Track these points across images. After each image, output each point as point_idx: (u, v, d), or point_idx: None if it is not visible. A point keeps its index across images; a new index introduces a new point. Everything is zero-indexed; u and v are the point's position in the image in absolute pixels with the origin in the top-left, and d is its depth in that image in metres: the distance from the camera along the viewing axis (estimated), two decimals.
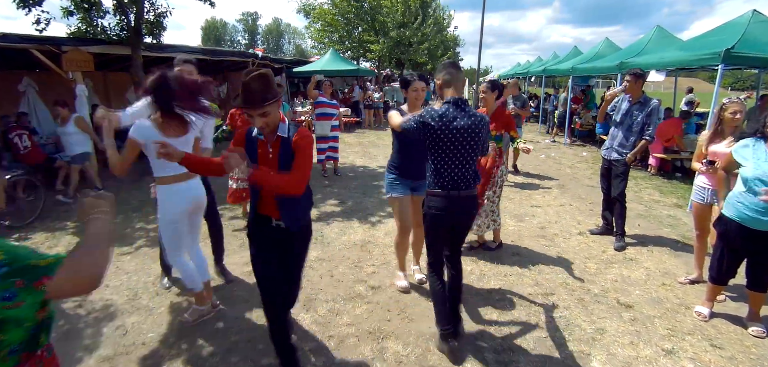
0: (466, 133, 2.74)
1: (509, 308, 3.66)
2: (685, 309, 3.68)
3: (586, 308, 3.67)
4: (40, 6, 7.46)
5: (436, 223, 2.94)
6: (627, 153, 4.76)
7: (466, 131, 2.74)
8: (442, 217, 2.90)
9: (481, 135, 2.79)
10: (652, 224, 5.81)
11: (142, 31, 8.39)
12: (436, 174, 2.84)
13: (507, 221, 5.79)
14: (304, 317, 3.50)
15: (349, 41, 25.37)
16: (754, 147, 3.08)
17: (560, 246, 4.99)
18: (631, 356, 3.07)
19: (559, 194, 7.28)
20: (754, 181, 3.00)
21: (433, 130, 2.76)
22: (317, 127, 7.88)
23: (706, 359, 3.05)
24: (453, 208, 2.87)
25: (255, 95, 2.24)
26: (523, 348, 3.13)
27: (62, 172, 7.32)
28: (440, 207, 2.87)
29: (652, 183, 8.08)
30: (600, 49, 12.58)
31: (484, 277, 4.19)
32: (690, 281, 4.11)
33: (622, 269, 4.41)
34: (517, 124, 8.30)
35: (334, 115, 7.85)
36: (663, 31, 10.04)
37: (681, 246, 5.03)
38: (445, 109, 2.77)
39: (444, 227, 2.98)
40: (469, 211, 2.96)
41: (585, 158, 10.43)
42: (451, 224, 2.97)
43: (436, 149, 2.80)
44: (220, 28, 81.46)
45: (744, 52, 6.29)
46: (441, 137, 2.75)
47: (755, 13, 7.00)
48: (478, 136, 2.78)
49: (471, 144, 2.77)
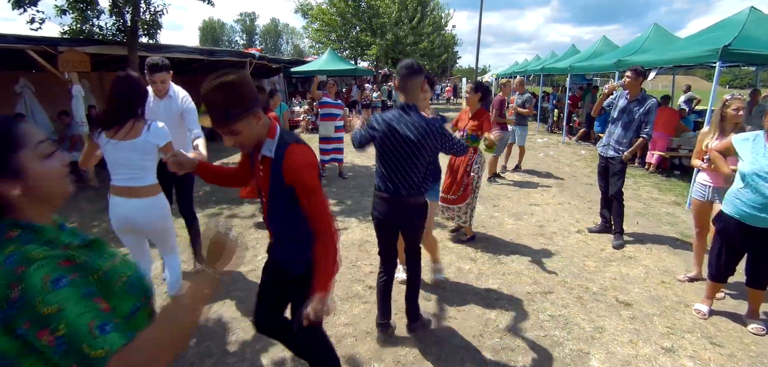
0: (410, 140, 2.66)
1: (508, 306, 3.64)
2: (685, 307, 3.67)
3: (585, 307, 3.65)
4: (35, 6, 7.43)
5: (380, 225, 2.98)
6: (624, 150, 4.75)
7: (410, 139, 2.66)
8: (384, 220, 2.91)
9: (426, 143, 2.67)
10: (651, 221, 5.80)
11: (139, 31, 8.35)
12: (380, 177, 2.85)
13: (505, 219, 5.78)
14: None
15: (347, 41, 25.36)
16: (753, 141, 3.07)
17: (559, 244, 4.97)
18: (631, 354, 3.05)
19: (557, 192, 7.27)
20: (751, 176, 2.98)
21: (378, 135, 2.77)
22: (321, 127, 7.81)
23: (706, 357, 3.03)
24: (395, 212, 2.84)
25: (217, 110, 1.75)
26: (522, 347, 3.11)
27: None
28: (382, 210, 2.87)
29: (650, 181, 8.08)
30: (598, 48, 12.59)
31: (483, 276, 4.17)
32: (689, 279, 4.10)
33: (621, 267, 4.39)
34: (523, 123, 8.41)
35: (339, 115, 7.69)
36: (660, 30, 10.04)
37: (680, 244, 5.02)
38: (392, 114, 2.77)
39: (387, 230, 2.99)
40: (412, 216, 2.88)
41: (583, 156, 10.42)
42: (395, 227, 2.97)
43: (380, 153, 2.81)
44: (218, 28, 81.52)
45: (742, 49, 6.27)
46: (385, 142, 2.75)
47: (753, 10, 6.99)
48: (423, 145, 2.66)
49: (415, 152, 2.68)
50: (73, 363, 0.95)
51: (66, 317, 0.94)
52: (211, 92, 1.72)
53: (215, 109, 1.74)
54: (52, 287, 0.95)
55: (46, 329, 0.93)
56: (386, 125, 2.75)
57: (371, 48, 24.01)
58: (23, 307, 0.93)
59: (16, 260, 0.95)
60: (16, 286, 0.93)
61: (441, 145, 2.76)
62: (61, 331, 0.94)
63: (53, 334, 0.93)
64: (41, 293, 0.94)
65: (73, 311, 0.96)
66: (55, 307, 0.94)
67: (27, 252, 0.97)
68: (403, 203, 2.80)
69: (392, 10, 24.32)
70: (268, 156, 1.91)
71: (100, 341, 0.96)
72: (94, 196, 6.87)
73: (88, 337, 0.95)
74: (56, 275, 0.97)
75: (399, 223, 2.94)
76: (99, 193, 6.99)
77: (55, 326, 0.93)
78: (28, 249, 0.98)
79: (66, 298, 0.96)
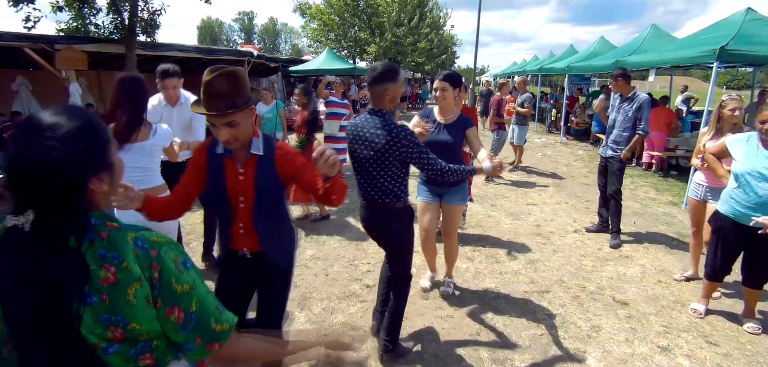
0: (375, 146, 2.53)
1: (504, 306, 3.65)
2: (681, 306, 3.68)
3: (582, 306, 3.66)
4: (32, 3, 7.41)
5: (367, 231, 2.89)
6: (621, 150, 4.78)
7: (375, 145, 2.54)
8: (367, 226, 2.84)
9: (393, 151, 2.50)
10: (648, 221, 5.81)
11: (136, 30, 8.34)
12: (357, 185, 2.76)
13: (503, 219, 5.78)
14: (298, 315, 3.47)
15: (345, 40, 25.34)
16: (747, 142, 3.08)
17: (556, 244, 4.98)
18: (627, 353, 3.06)
19: (555, 191, 7.28)
20: (744, 176, 3.00)
21: (348, 140, 2.72)
22: (326, 126, 7.81)
23: (702, 356, 3.04)
24: (374, 218, 2.75)
25: (219, 99, 1.74)
26: (519, 346, 3.11)
27: None
28: (365, 216, 2.80)
29: (648, 181, 8.10)
30: (595, 48, 12.61)
31: (480, 275, 4.18)
32: (685, 278, 4.11)
33: (618, 267, 4.40)
34: (522, 123, 8.43)
35: (345, 115, 7.69)
36: (658, 30, 10.07)
37: (676, 243, 5.04)
38: (361, 119, 2.68)
39: (375, 236, 2.90)
40: (390, 222, 2.70)
41: (581, 156, 10.44)
42: (378, 234, 2.86)
43: (351, 159, 2.73)
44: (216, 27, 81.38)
45: (739, 50, 6.30)
46: (354, 148, 2.67)
47: (749, 11, 7.02)
48: (390, 152, 2.51)
49: (381, 159, 2.54)
50: (198, 337, 1.05)
51: (197, 294, 1.05)
52: (217, 80, 1.72)
53: (220, 98, 1.74)
54: (183, 268, 1.04)
55: (177, 307, 1.01)
56: (353, 131, 2.66)
57: (370, 47, 24.00)
58: (161, 287, 0.99)
59: (146, 244, 0.99)
60: (156, 267, 0.98)
61: (408, 155, 2.53)
62: (193, 308, 1.03)
63: (184, 311, 1.02)
64: (175, 274, 1.01)
65: (202, 290, 1.07)
66: (188, 285, 1.03)
67: (148, 236, 1.02)
68: (378, 209, 2.69)
69: (391, 10, 24.30)
70: (256, 154, 1.91)
71: (224, 317, 1.10)
72: None
73: (215, 313, 1.08)
74: (183, 257, 1.06)
75: (378, 230, 2.82)
76: None
77: (188, 304, 1.03)
78: (147, 234, 1.02)
79: (194, 278, 1.06)
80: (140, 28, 8.58)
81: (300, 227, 5.46)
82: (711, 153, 3.47)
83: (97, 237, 0.94)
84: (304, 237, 5.10)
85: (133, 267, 0.94)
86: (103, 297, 0.91)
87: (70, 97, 7.25)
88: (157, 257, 0.98)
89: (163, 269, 0.99)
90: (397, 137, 2.47)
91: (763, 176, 2.91)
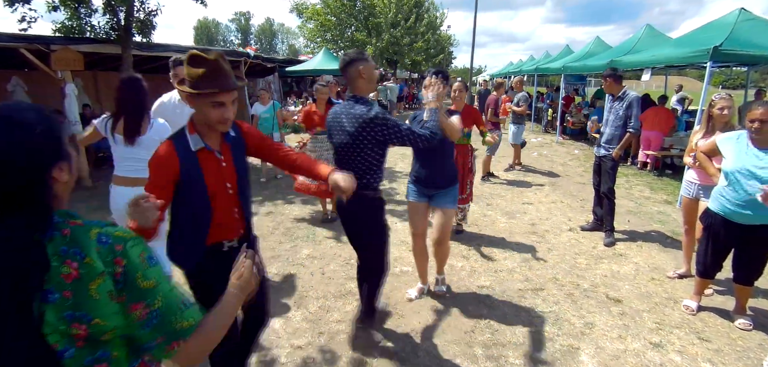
0: (348, 132, 2.60)
1: (499, 303, 3.68)
2: (674, 303, 3.72)
3: (576, 303, 3.69)
4: (28, 3, 7.40)
5: (341, 222, 2.96)
6: (613, 148, 4.83)
7: (348, 130, 2.60)
8: (339, 214, 2.89)
9: (367, 134, 2.55)
10: (643, 219, 5.85)
11: (132, 30, 8.33)
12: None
13: (498, 218, 5.82)
14: (295, 314, 3.49)
15: (342, 41, 25.37)
16: (737, 140, 3.12)
17: (551, 242, 5.02)
18: (620, 349, 3.09)
19: (550, 190, 7.32)
20: (734, 174, 3.04)
21: (328, 129, 2.78)
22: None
23: (693, 352, 3.08)
24: (340, 204, 2.77)
25: (227, 76, 1.83)
26: (513, 342, 3.15)
27: None
28: (337, 204, 2.84)
29: (643, 180, 8.15)
30: (591, 48, 12.66)
31: (475, 273, 4.21)
32: (678, 276, 4.15)
33: (612, 265, 4.44)
34: (518, 122, 8.49)
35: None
36: (653, 30, 10.13)
37: (670, 241, 5.08)
38: (341, 106, 2.74)
39: (346, 225, 2.93)
40: (356, 210, 2.71)
41: (577, 156, 10.49)
42: (349, 223, 2.90)
43: (332, 144, 2.80)
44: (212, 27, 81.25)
45: (732, 50, 6.35)
46: (332, 133, 2.74)
47: (742, 11, 7.08)
48: (363, 137, 2.56)
49: (354, 144, 2.59)
50: (161, 336, 1.03)
51: (161, 291, 1.04)
52: (222, 58, 1.82)
53: (227, 75, 1.83)
54: (149, 264, 1.03)
55: (141, 303, 1.00)
56: (332, 118, 2.73)
57: (367, 48, 24.04)
58: (126, 282, 0.99)
59: (111, 239, 0.99)
60: (121, 262, 0.98)
61: (385, 136, 2.55)
62: (157, 304, 1.02)
63: (148, 307, 1.01)
64: (141, 269, 1.01)
65: (167, 286, 1.06)
66: (153, 281, 1.03)
67: (112, 232, 1.02)
68: (353, 196, 2.68)
69: (388, 10, 24.33)
70: (231, 136, 1.99)
71: (187, 314, 1.08)
72: (87, 195, 6.85)
73: (179, 310, 1.07)
74: (148, 252, 1.05)
75: (350, 218, 2.84)
76: (92, 193, 6.98)
77: (152, 301, 1.01)
78: (112, 229, 1.02)
79: (158, 274, 1.05)
80: (136, 28, 8.57)
81: (296, 226, 5.48)
82: (702, 151, 3.51)
83: (59, 234, 0.95)
84: (300, 237, 5.12)
85: (96, 262, 0.95)
86: (66, 293, 0.92)
87: (66, 98, 7.23)
88: (122, 252, 0.99)
89: (127, 264, 0.99)
90: (370, 119, 2.52)
91: (752, 174, 2.95)
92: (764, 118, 2.91)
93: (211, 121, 1.84)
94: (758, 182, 2.91)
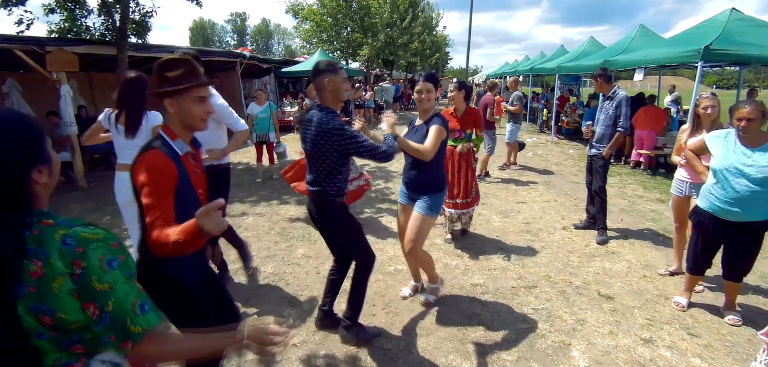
0: (310, 139, 2.72)
1: (492, 300, 3.72)
2: (665, 300, 3.76)
3: (568, 300, 3.73)
4: (23, 5, 7.39)
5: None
6: (603, 147, 4.88)
7: (310, 138, 2.72)
8: (309, 215, 3.00)
9: (324, 144, 2.64)
10: (635, 218, 5.91)
11: (128, 32, 8.33)
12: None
13: (492, 217, 5.86)
14: (290, 312, 3.52)
15: (338, 41, 25.35)
16: (725, 138, 3.17)
17: (544, 241, 5.06)
18: (610, 345, 3.13)
19: (544, 190, 7.37)
20: (721, 172, 3.09)
21: (300, 133, 2.91)
22: None
23: (683, 347, 3.12)
24: (309, 207, 2.97)
25: (201, 73, 1.91)
26: (505, 339, 3.18)
27: None
28: (307, 206, 3.00)
29: (636, 179, 8.21)
30: (585, 48, 12.74)
31: (469, 271, 4.25)
32: (670, 273, 4.20)
33: (604, 262, 4.49)
34: (513, 121, 8.56)
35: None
36: (646, 30, 10.20)
37: (662, 239, 5.13)
38: (309, 114, 2.82)
39: (316, 226, 3.03)
40: (319, 214, 2.88)
41: (571, 155, 10.55)
42: (315, 225, 3.02)
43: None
44: (208, 28, 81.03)
45: (723, 49, 6.43)
46: (302, 139, 2.86)
47: (734, 11, 7.16)
48: (322, 145, 2.65)
49: (315, 151, 2.70)
50: (112, 335, 1.09)
51: (115, 294, 1.08)
52: (195, 59, 1.93)
53: (201, 71, 1.91)
54: (108, 267, 1.08)
55: (93, 303, 1.06)
56: (303, 124, 2.83)
57: (363, 49, 24.05)
58: (82, 283, 1.04)
59: (74, 242, 1.05)
60: (80, 264, 1.04)
61: (345, 147, 2.63)
62: (109, 307, 1.07)
63: (99, 309, 1.06)
64: (98, 272, 1.06)
65: (122, 290, 1.10)
66: (108, 285, 1.07)
67: (79, 233, 1.07)
68: (315, 198, 2.86)
69: (384, 10, 24.33)
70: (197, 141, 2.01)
71: (140, 319, 1.12)
72: (82, 197, 6.86)
73: (131, 314, 1.11)
74: (110, 256, 1.10)
75: (315, 219, 2.97)
76: (87, 193, 6.98)
77: (104, 303, 1.06)
78: (78, 231, 1.08)
79: (116, 278, 1.10)
80: (132, 30, 8.57)
81: (292, 226, 5.50)
82: (691, 150, 3.56)
83: (30, 233, 1.03)
84: (295, 236, 5.14)
85: (57, 263, 1.02)
86: (31, 289, 1.00)
87: (61, 99, 7.23)
88: (83, 254, 1.04)
89: (86, 267, 1.04)
90: (328, 130, 2.61)
91: (740, 172, 3.00)
92: (751, 116, 2.96)
93: (195, 117, 1.87)
94: (746, 180, 2.96)
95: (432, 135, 3.08)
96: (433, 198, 3.29)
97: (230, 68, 12.46)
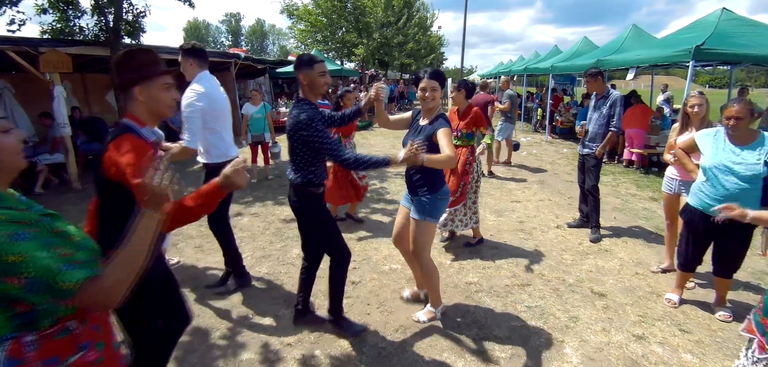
0: (287, 130, 2.84)
1: (486, 299, 3.74)
2: (657, 297, 3.81)
3: (561, 298, 3.77)
4: (16, 6, 7.35)
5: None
6: (596, 146, 4.92)
7: (287, 129, 2.83)
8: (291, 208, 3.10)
9: (296, 136, 2.77)
10: (628, 216, 5.96)
11: (121, 32, 8.31)
12: None
13: (487, 216, 5.89)
14: (285, 312, 3.53)
15: (333, 42, 25.35)
16: (714, 137, 3.21)
17: (538, 239, 5.10)
18: (603, 342, 3.17)
19: (538, 189, 7.41)
20: (711, 170, 3.13)
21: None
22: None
23: (675, 343, 3.16)
24: (289, 195, 3.06)
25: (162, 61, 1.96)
26: (499, 337, 3.21)
27: (42, 176, 7.24)
28: (289, 199, 3.09)
29: (629, 178, 8.27)
30: (578, 48, 12.82)
31: (463, 270, 4.27)
32: (662, 270, 4.24)
33: (597, 260, 4.53)
34: (509, 120, 8.61)
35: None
36: (638, 30, 10.29)
37: (654, 237, 5.18)
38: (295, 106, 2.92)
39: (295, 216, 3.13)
40: (294, 202, 3.00)
41: (565, 155, 10.61)
42: (293, 212, 3.11)
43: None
44: (203, 29, 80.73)
45: (714, 49, 6.49)
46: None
47: (725, 11, 7.23)
48: (294, 138, 2.79)
49: (291, 141, 2.84)
50: (49, 298, 1.16)
51: (31, 261, 1.13)
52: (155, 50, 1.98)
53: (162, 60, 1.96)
54: (14, 240, 1.14)
55: (14, 276, 1.12)
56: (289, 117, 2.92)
57: (357, 49, 24.06)
58: None
59: None
60: None
61: (313, 141, 2.72)
62: (31, 273, 1.13)
63: (21, 277, 1.13)
64: (4, 248, 1.12)
65: (38, 257, 1.15)
66: (19, 256, 1.12)
67: None
68: (291, 186, 2.97)
69: (378, 10, 24.35)
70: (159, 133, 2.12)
71: (67, 275, 1.16)
72: (76, 198, 6.83)
73: (56, 273, 1.16)
74: (15, 230, 1.15)
75: (292, 207, 3.06)
76: (81, 195, 6.95)
77: (22, 271, 1.13)
78: None
79: (28, 248, 1.15)
80: (125, 31, 8.54)
81: (287, 226, 5.50)
82: (681, 148, 3.60)
83: None
84: (290, 237, 5.14)
85: None
86: None
87: (54, 100, 7.19)
88: None
89: None
90: (297, 122, 2.73)
91: (729, 170, 3.04)
92: (740, 115, 3.01)
93: (163, 105, 1.92)
94: (735, 177, 3.00)
95: (445, 140, 2.83)
96: (429, 198, 3.05)
97: (225, 69, 12.43)
